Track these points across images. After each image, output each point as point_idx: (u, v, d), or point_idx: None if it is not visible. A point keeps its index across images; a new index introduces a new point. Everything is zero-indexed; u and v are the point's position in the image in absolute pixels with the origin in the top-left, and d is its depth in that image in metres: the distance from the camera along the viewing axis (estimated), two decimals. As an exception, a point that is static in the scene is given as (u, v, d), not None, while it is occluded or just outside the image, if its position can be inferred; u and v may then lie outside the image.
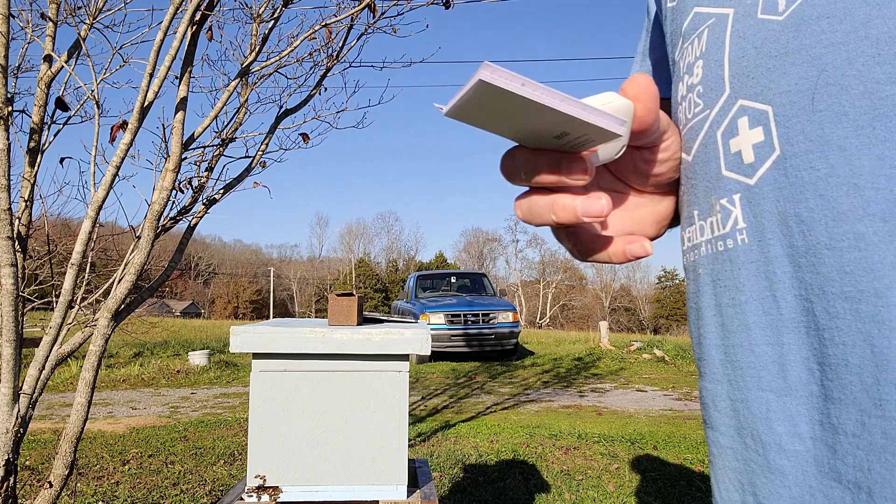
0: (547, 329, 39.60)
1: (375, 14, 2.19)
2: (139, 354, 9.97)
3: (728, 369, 0.39)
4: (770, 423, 0.36)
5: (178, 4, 1.52)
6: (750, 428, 0.37)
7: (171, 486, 3.33)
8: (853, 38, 0.31)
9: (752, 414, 0.37)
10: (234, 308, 61.50)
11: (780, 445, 0.35)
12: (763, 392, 0.36)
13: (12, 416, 1.41)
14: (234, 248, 72.52)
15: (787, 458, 0.35)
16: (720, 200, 0.39)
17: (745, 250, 0.37)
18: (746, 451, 0.38)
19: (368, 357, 1.26)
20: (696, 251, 0.43)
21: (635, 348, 10.42)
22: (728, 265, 0.39)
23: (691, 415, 5.51)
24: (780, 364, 0.35)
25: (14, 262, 1.39)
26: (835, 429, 0.32)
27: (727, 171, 0.38)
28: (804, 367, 0.34)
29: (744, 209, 0.37)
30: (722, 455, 0.40)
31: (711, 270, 0.41)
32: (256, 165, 2.16)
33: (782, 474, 0.35)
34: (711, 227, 0.40)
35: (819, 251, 0.32)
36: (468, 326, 9.76)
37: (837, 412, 0.31)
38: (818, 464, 0.33)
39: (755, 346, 0.37)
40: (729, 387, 0.39)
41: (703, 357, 0.42)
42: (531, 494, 3.16)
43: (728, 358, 0.39)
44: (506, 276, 60.06)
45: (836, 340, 0.31)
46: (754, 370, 0.37)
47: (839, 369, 0.31)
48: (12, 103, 1.43)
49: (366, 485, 1.26)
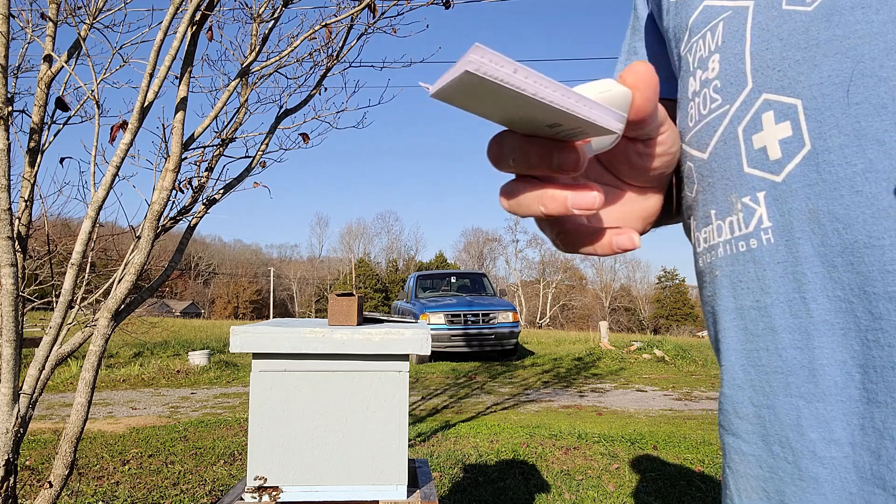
0: (547, 329, 39.61)
1: (375, 14, 2.19)
2: (139, 354, 9.97)
3: (751, 374, 0.38)
4: (801, 430, 0.34)
5: (178, 4, 1.52)
6: (778, 435, 0.36)
7: (171, 486, 3.33)
8: (892, 27, 0.30)
9: (780, 421, 0.35)
10: (234, 308, 61.51)
11: (814, 452, 0.33)
12: (792, 398, 0.35)
13: (12, 415, 1.41)
14: (234, 248, 72.54)
15: (822, 466, 0.33)
16: (742, 199, 0.37)
17: (770, 250, 0.36)
18: (773, 459, 0.36)
19: (368, 357, 1.26)
20: (713, 252, 0.41)
21: (635, 348, 10.42)
22: (751, 266, 0.37)
23: (691, 415, 5.51)
24: (811, 368, 0.33)
25: (14, 262, 1.39)
26: (880, 433, 0.30)
27: (750, 169, 0.37)
28: (840, 370, 0.32)
29: (769, 207, 0.35)
30: (744, 462, 0.39)
31: (731, 272, 0.39)
32: (256, 165, 2.16)
33: (816, 482, 0.33)
34: (731, 226, 0.39)
35: (858, 250, 0.31)
36: (468, 326, 9.76)
37: (883, 416, 0.30)
38: (859, 470, 0.31)
39: (782, 350, 0.35)
40: (752, 392, 0.38)
41: (723, 363, 0.41)
42: (531, 494, 3.16)
43: (751, 363, 0.38)
44: (506, 276, 60.11)
45: (882, 342, 0.30)
46: (781, 375, 0.35)
47: (885, 372, 0.30)
48: (12, 103, 1.43)
49: (366, 485, 1.26)
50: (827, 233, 0.32)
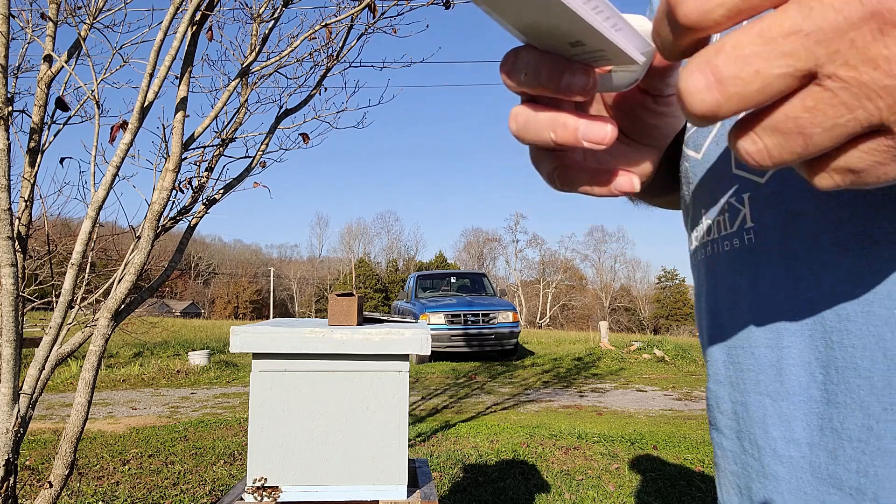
0: (547, 329, 39.61)
1: (375, 14, 2.19)
2: (139, 354, 9.97)
3: (730, 371, 0.38)
4: (766, 428, 0.35)
5: (178, 4, 1.52)
6: (748, 431, 0.37)
7: (171, 486, 3.33)
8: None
9: (751, 417, 0.36)
10: (234, 308, 61.51)
11: (775, 450, 0.34)
12: (760, 395, 0.35)
13: (12, 415, 1.41)
14: (234, 248, 72.53)
15: (781, 464, 0.34)
16: (729, 199, 0.38)
17: (749, 250, 0.36)
18: (744, 455, 0.37)
19: (368, 357, 1.26)
20: (702, 251, 0.42)
21: (635, 348, 10.42)
22: (735, 265, 0.38)
23: (691, 415, 5.51)
24: (778, 367, 0.34)
25: (14, 262, 1.39)
26: (838, 433, 0.31)
27: (737, 170, 0.37)
28: (804, 370, 0.33)
29: (752, 208, 0.36)
30: (724, 458, 0.40)
31: (716, 271, 0.40)
32: (256, 165, 2.16)
33: (776, 480, 0.34)
34: (719, 226, 0.39)
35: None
36: (468, 326, 9.76)
37: (841, 416, 0.30)
38: (814, 470, 0.32)
39: (755, 348, 0.36)
40: (731, 389, 0.38)
41: (708, 359, 0.41)
42: (531, 494, 3.16)
43: (730, 360, 0.38)
44: (506, 276, 60.11)
45: (846, 343, 0.30)
46: (753, 373, 0.36)
47: (846, 373, 0.30)
48: (12, 103, 1.43)
49: (366, 485, 1.26)
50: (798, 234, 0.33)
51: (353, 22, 2.28)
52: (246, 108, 2.17)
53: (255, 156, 2.17)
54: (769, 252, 0.35)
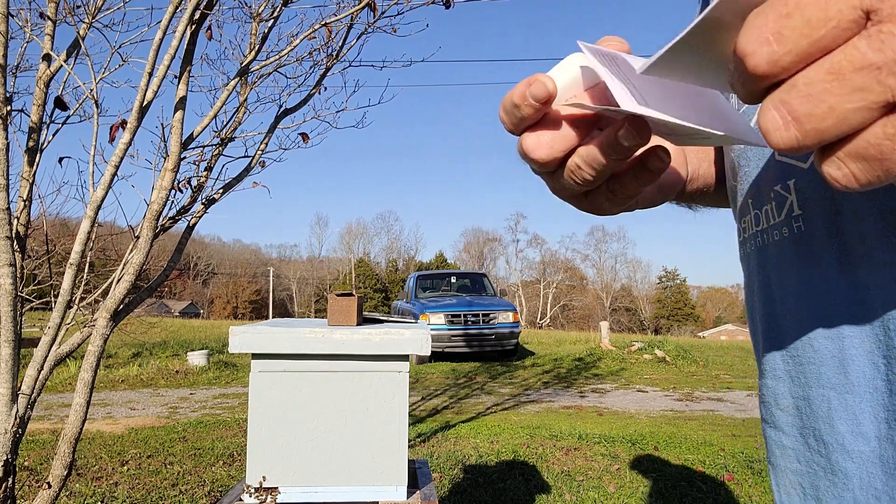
0: (547, 329, 39.63)
1: (375, 13, 2.18)
2: (138, 355, 9.96)
3: (790, 365, 0.37)
4: (832, 422, 0.33)
5: (177, 3, 1.52)
6: (812, 427, 0.35)
7: (170, 486, 3.32)
8: None
9: (814, 412, 0.35)
10: (233, 308, 61.51)
11: (843, 446, 0.33)
12: (823, 389, 0.34)
13: (11, 416, 1.40)
14: (234, 247, 72.51)
15: (851, 460, 0.32)
16: (774, 187, 0.37)
17: (799, 239, 0.35)
18: (809, 452, 0.35)
19: (368, 357, 1.25)
20: (752, 241, 0.41)
21: (636, 349, 10.41)
22: (786, 255, 0.36)
23: (692, 415, 5.50)
24: (841, 359, 0.33)
25: (13, 261, 1.39)
26: None
27: (781, 157, 0.36)
28: (868, 360, 0.31)
29: (798, 195, 0.35)
30: (784, 456, 0.38)
31: (767, 263, 0.38)
32: (256, 165, 2.16)
33: (846, 476, 0.32)
34: (767, 215, 0.38)
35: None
36: (468, 327, 9.75)
37: None
38: (884, 464, 0.30)
39: (814, 339, 0.35)
40: (791, 384, 0.37)
41: (764, 354, 0.40)
42: (531, 495, 3.15)
43: (789, 354, 0.37)
44: (506, 276, 60.13)
45: None
46: (814, 366, 0.35)
47: None
48: (11, 102, 1.43)
49: (365, 486, 1.25)
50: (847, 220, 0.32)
51: (353, 21, 2.28)
52: (245, 107, 2.17)
53: (254, 155, 2.16)
54: (819, 239, 0.34)
